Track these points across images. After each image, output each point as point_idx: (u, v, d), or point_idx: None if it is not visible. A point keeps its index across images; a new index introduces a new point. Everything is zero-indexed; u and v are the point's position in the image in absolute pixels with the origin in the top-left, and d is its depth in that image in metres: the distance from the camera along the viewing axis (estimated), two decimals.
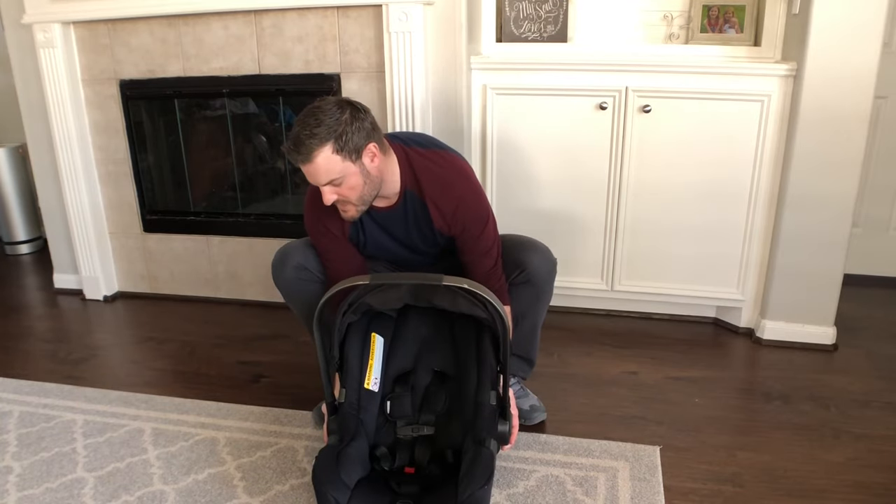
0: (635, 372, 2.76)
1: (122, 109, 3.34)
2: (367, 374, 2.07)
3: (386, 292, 2.05)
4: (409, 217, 2.13)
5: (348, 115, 1.89)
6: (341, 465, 1.88)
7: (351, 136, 1.88)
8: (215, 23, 3.09)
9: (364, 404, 2.05)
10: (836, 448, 2.27)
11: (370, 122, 1.94)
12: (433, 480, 1.96)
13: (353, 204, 1.99)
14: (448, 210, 2.08)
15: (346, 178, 1.91)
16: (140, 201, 3.50)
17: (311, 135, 1.84)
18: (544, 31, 3.12)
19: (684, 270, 3.05)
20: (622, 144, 2.92)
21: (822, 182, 2.74)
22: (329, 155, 1.86)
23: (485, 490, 1.80)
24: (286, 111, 3.22)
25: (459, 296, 2.01)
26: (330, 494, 1.81)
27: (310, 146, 1.85)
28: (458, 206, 2.08)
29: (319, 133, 1.85)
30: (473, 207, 2.10)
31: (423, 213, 2.11)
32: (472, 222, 2.10)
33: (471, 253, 2.13)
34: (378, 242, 2.21)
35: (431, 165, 2.09)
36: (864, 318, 3.20)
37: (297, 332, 3.09)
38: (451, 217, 2.09)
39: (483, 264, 2.13)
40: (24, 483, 2.12)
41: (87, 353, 3.03)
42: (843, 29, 2.57)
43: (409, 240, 2.20)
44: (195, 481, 2.12)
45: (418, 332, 2.18)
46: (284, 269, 2.21)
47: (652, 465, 2.15)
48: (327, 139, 1.85)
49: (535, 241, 2.23)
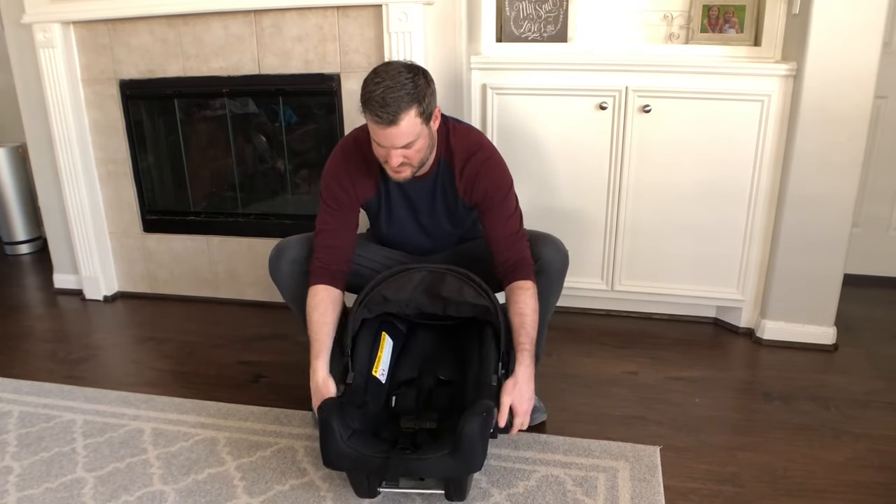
0: (635, 372, 2.76)
1: (121, 109, 3.34)
2: (375, 363, 2.12)
3: (399, 281, 2.11)
4: (437, 188, 2.18)
5: (423, 79, 1.93)
6: (345, 411, 1.93)
7: (429, 100, 1.95)
8: (215, 23, 3.08)
9: (371, 389, 2.08)
10: (836, 448, 2.27)
11: (434, 86, 1.99)
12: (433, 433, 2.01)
13: (411, 166, 2.03)
14: (472, 172, 2.13)
15: (417, 141, 1.96)
16: (140, 201, 3.50)
17: (399, 97, 1.86)
18: (544, 30, 3.12)
19: (684, 270, 3.05)
20: (622, 144, 2.92)
21: (823, 182, 2.74)
22: (413, 118, 1.90)
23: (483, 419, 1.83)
24: (286, 111, 3.22)
25: (466, 285, 2.07)
26: (335, 424, 1.84)
27: (397, 108, 1.86)
28: (481, 171, 2.13)
29: (406, 96, 1.87)
30: (497, 174, 2.16)
31: (450, 182, 2.17)
32: (494, 189, 2.14)
33: (493, 219, 2.15)
34: (399, 218, 2.26)
35: (463, 136, 2.17)
36: (865, 318, 3.20)
37: (297, 332, 3.08)
38: (473, 180, 2.14)
39: (506, 227, 2.15)
40: (23, 483, 2.12)
41: (86, 353, 3.03)
42: (844, 29, 2.57)
43: (432, 215, 2.24)
44: (195, 481, 2.11)
45: (424, 347, 2.25)
46: (280, 262, 2.24)
47: (652, 465, 2.15)
48: (413, 102, 1.89)
49: (546, 233, 2.25)
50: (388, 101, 1.85)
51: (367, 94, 1.89)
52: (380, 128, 1.91)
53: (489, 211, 2.15)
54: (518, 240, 2.16)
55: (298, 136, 3.28)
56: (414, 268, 2.13)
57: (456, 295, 2.07)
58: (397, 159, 1.97)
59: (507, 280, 2.14)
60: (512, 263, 2.12)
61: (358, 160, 2.17)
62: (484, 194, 2.14)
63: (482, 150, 2.17)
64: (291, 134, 3.27)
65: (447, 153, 2.15)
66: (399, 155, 1.96)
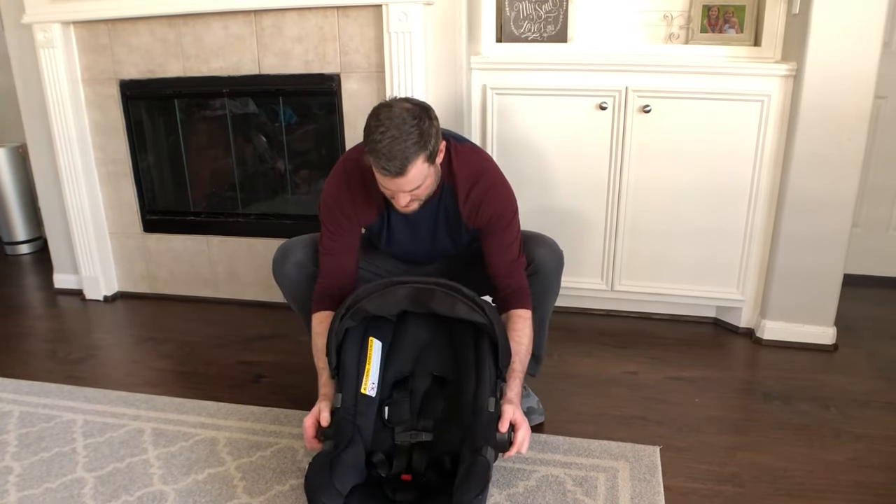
0: (635, 372, 2.76)
1: (122, 109, 3.34)
2: (364, 380, 2.04)
3: (384, 297, 2.03)
4: (440, 211, 2.15)
5: (427, 121, 1.89)
6: (335, 471, 1.84)
7: (434, 141, 1.90)
8: (215, 23, 3.09)
9: (361, 409, 2.01)
10: (835, 448, 2.27)
11: (438, 121, 1.95)
12: (430, 488, 1.94)
13: (419, 201, 2.02)
14: (477, 199, 2.10)
15: (425, 182, 1.95)
16: (140, 201, 3.50)
17: (406, 148, 1.83)
18: (544, 31, 3.12)
19: (684, 270, 3.06)
20: (622, 144, 2.92)
21: (822, 182, 2.75)
22: (420, 165, 1.87)
23: (479, 500, 1.78)
24: (286, 111, 3.22)
25: (458, 301, 1.99)
26: (321, 502, 1.78)
27: (405, 160, 1.84)
28: (486, 195, 2.10)
29: (413, 146, 1.84)
30: (502, 198, 2.13)
31: (453, 206, 2.14)
32: (499, 214, 2.11)
33: (496, 244, 2.14)
34: (399, 241, 2.24)
35: (466, 159, 2.13)
36: (864, 318, 3.20)
37: (297, 332, 3.09)
38: (478, 206, 2.11)
39: (508, 254, 2.14)
40: (24, 483, 2.12)
41: (87, 353, 3.03)
42: (844, 29, 2.57)
43: (433, 239, 2.22)
44: (195, 481, 2.12)
45: (416, 336, 2.15)
46: (285, 264, 2.23)
47: (652, 465, 2.15)
48: (420, 151, 1.85)
49: (541, 234, 2.25)
50: (395, 154, 1.82)
51: (371, 143, 1.85)
52: (387, 179, 1.89)
53: (492, 236, 2.14)
54: (517, 267, 2.15)
55: (298, 136, 3.28)
56: (399, 282, 2.04)
57: (448, 311, 2.00)
58: (405, 199, 1.95)
59: (506, 306, 2.14)
60: (511, 291, 2.13)
61: (360, 184, 2.12)
62: (488, 220, 2.12)
63: (486, 174, 2.13)
64: (291, 134, 3.27)
65: (450, 177, 2.11)
66: (407, 196, 1.95)
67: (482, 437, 1.92)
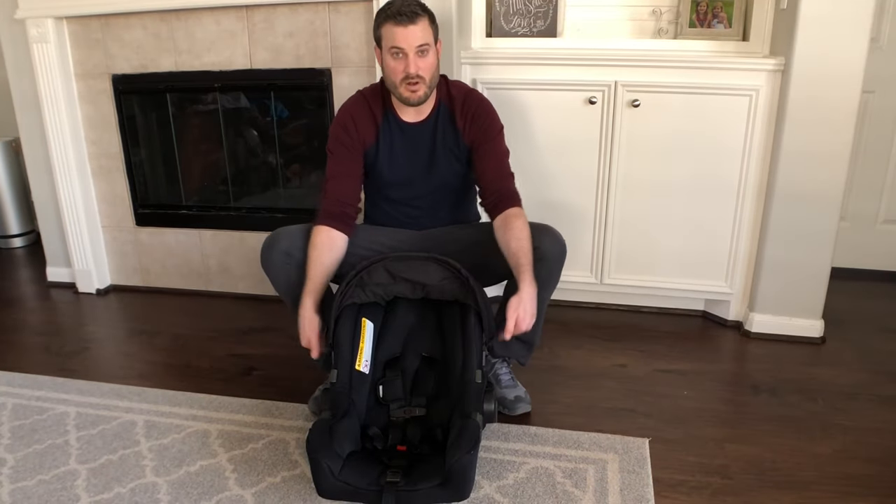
0: (624, 365, 2.78)
1: (114, 104, 3.35)
2: (357, 357, 2.15)
3: (379, 270, 2.18)
4: (437, 128, 2.36)
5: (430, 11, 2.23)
6: (334, 436, 1.96)
7: (436, 25, 2.24)
8: (207, 18, 3.09)
9: (355, 385, 2.12)
10: (823, 440, 2.29)
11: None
12: (423, 457, 2.03)
13: (425, 83, 2.21)
14: (469, 111, 2.34)
15: (429, 51, 2.19)
16: (132, 195, 3.51)
17: (415, 6, 2.16)
18: (534, 25, 3.13)
19: (673, 264, 3.07)
20: (611, 139, 2.94)
21: (810, 176, 2.76)
22: (427, 26, 2.18)
23: (471, 455, 1.86)
24: (277, 106, 3.23)
25: (446, 273, 2.15)
26: (323, 462, 1.87)
27: (415, 11, 2.15)
28: (479, 109, 2.34)
29: (420, 8, 2.17)
30: (491, 111, 2.37)
31: (450, 121, 2.36)
32: (489, 125, 2.34)
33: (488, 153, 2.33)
34: (400, 165, 2.38)
35: (460, 85, 2.42)
36: (852, 311, 3.22)
37: (289, 325, 3.08)
38: (472, 115, 2.33)
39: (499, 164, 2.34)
40: (17, 475, 2.14)
41: (79, 345, 3.04)
42: (831, 24, 2.58)
43: (431, 161, 2.37)
44: (187, 473, 2.13)
45: (406, 321, 2.27)
46: (272, 253, 2.27)
47: (641, 458, 2.17)
48: (426, 14, 2.19)
49: (544, 224, 2.29)
50: (407, 8, 2.14)
51: (385, 9, 2.17)
52: (399, 28, 2.13)
53: (484, 145, 2.32)
54: (507, 177, 2.33)
55: (290, 130, 3.29)
56: (393, 256, 2.20)
57: (436, 281, 2.16)
58: (415, 67, 2.16)
59: (497, 210, 2.26)
60: (500, 195, 2.28)
61: (362, 106, 2.35)
62: (480, 129, 2.32)
63: (476, 93, 2.41)
64: (283, 128, 3.28)
65: (447, 98, 2.35)
66: (417, 60, 2.16)
67: (471, 405, 2.03)
